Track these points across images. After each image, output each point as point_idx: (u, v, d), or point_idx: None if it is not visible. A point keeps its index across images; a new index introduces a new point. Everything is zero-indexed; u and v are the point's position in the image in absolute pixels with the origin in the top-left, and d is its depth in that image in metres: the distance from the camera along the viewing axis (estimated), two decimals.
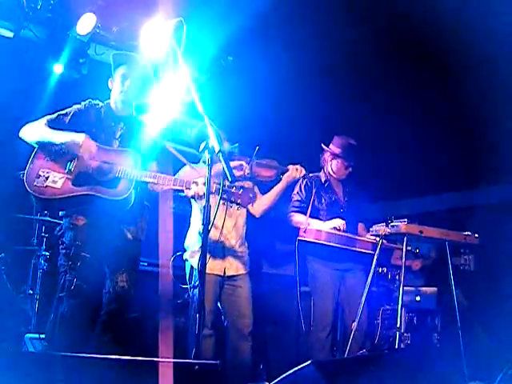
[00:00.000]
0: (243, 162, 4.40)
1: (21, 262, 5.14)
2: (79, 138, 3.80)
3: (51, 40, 5.91)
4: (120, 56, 4.15)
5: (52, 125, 3.91)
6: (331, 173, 5.05)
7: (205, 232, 3.26)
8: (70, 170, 3.82)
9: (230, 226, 4.50)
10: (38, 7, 5.63)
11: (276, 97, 6.39)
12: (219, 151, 3.27)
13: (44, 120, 3.93)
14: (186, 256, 4.52)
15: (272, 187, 4.63)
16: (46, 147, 3.86)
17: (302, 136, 6.65)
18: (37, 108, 5.02)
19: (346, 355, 4.59)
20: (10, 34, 5.87)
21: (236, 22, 5.33)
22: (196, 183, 3.79)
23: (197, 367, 2.78)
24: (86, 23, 5.75)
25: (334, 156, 5.01)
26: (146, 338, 4.59)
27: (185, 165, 4.32)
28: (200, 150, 4.17)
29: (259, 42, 6.02)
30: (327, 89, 6.43)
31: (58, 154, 3.85)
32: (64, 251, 3.79)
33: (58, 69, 5.91)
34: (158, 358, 2.90)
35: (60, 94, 5.69)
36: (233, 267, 4.47)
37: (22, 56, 5.85)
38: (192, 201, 4.48)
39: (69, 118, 3.97)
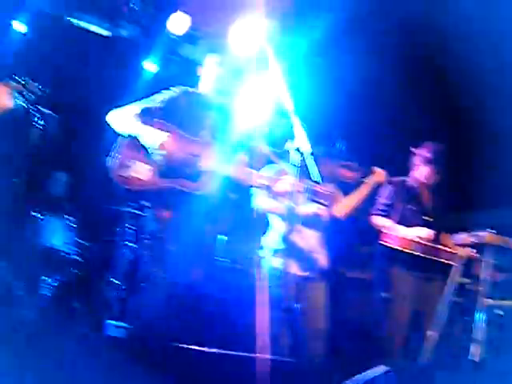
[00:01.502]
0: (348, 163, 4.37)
1: (106, 251, 5.30)
2: (161, 138, 3.85)
3: (145, 38, 6.15)
4: (213, 44, 4.20)
5: (144, 113, 3.96)
6: (420, 178, 4.93)
7: (288, 232, 3.26)
8: (155, 161, 3.85)
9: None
10: (134, 7, 5.85)
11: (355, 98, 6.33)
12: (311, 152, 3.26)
13: (135, 108, 3.97)
14: (263, 254, 4.52)
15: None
16: (132, 137, 3.95)
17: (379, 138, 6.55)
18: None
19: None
20: (107, 33, 6.14)
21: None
22: (284, 181, 3.80)
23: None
24: (179, 23, 5.92)
25: (426, 161, 4.90)
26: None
27: (271, 162, 4.32)
28: (285, 148, 4.15)
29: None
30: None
31: (144, 146, 3.91)
32: (147, 242, 3.89)
33: (150, 67, 6.12)
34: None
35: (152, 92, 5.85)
36: (313, 268, 4.45)
37: (118, 54, 6.09)
38: (271, 199, 4.48)
39: (161, 105, 4.00)
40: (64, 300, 5.03)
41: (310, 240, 4.43)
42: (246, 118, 4.16)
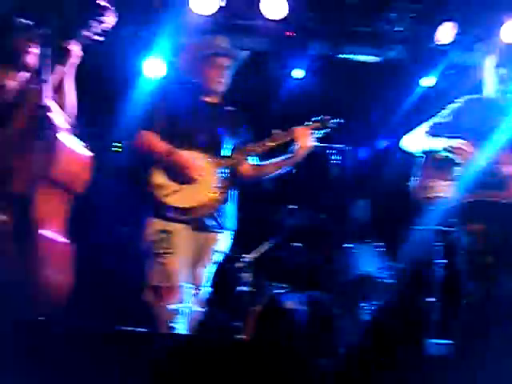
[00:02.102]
0: None
1: (419, 271, 5.36)
2: (457, 149, 3.82)
3: (414, 55, 6.19)
4: (488, 45, 4.11)
5: (435, 131, 3.98)
6: None
7: None
8: (455, 176, 3.81)
9: None
10: (399, 29, 5.92)
11: None
12: None
13: (425, 128, 4.03)
14: None
15: None
16: (429, 157, 3.99)
17: None
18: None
19: None
20: (376, 59, 6.32)
21: None
22: None
23: None
24: (446, 31, 5.84)
25: None
26: None
27: None
28: None
29: None
30: None
31: (443, 161, 3.90)
32: (462, 258, 3.85)
33: (427, 82, 6.14)
34: None
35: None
36: None
37: (392, 77, 6.23)
38: None
39: (450, 119, 3.97)
40: (383, 323, 5.20)
41: None
42: None
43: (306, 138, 3.88)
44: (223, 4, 5.47)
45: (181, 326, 3.71)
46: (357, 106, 6.08)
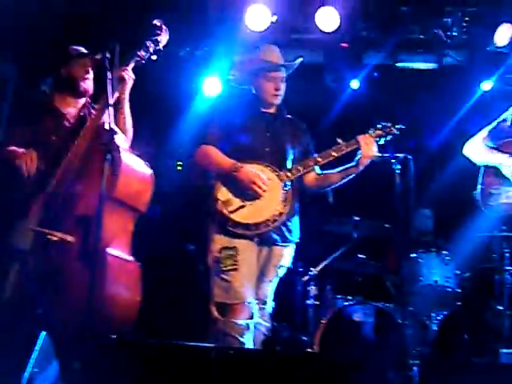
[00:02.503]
0: None
1: (485, 279, 5.26)
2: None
3: (471, 61, 6.11)
4: None
5: (493, 136, 3.94)
6: None
7: None
8: None
9: None
10: (454, 34, 5.86)
11: None
12: None
13: (484, 133, 4.00)
14: None
15: None
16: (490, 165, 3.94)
17: None
18: None
19: None
20: (433, 66, 6.26)
21: None
22: None
23: None
24: (503, 33, 5.74)
25: None
26: None
27: None
28: None
29: None
30: None
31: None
32: None
33: (486, 86, 6.05)
34: None
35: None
36: None
37: (449, 83, 6.16)
38: None
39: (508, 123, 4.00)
40: (451, 332, 5.11)
41: None
42: None
43: (369, 147, 3.83)
44: (274, 20, 5.55)
45: (248, 341, 3.70)
46: (415, 113, 6.02)
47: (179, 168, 5.89)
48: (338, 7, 5.58)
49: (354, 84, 6.26)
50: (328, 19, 5.59)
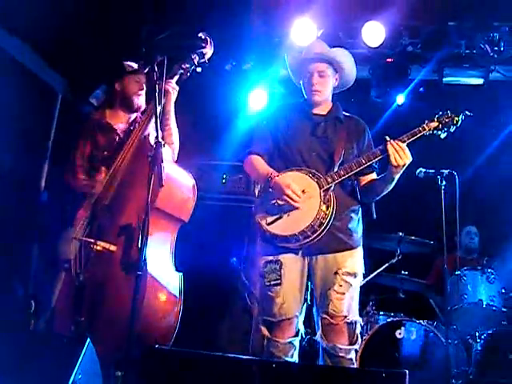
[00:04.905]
0: None
1: None
2: None
3: None
4: None
5: None
6: None
7: None
8: None
9: None
10: (501, 49, 5.79)
11: None
12: None
13: None
14: None
15: None
16: None
17: None
18: None
19: None
20: (480, 82, 6.20)
21: None
22: None
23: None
24: None
25: None
26: None
27: None
28: None
29: None
30: None
31: None
32: None
33: None
34: None
35: None
36: None
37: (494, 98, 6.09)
38: None
39: None
40: (495, 352, 5.00)
41: None
42: None
43: (399, 154, 3.50)
44: (320, 34, 5.56)
45: (294, 358, 3.62)
46: (461, 128, 5.97)
47: (224, 181, 5.92)
48: (383, 22, 5.58)
49: (400, 99, 6.23)
50: (374, 34, 5.59)
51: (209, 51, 3.72)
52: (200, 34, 3.70)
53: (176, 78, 3.80)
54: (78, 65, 5.42)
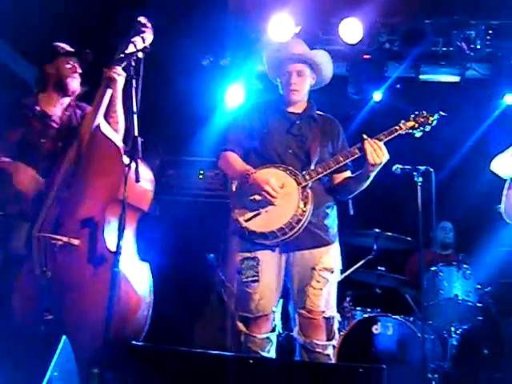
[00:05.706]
0: None
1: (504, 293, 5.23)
2: None
3: (495, 73, 6.08)
4: None
5: None
6: None
7: None
8: None
9: None
10: (478, 47, 5.84)
11: None
12: None
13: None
14: None
15: None
16: None
17: None
18: None
19: None
20: (456, 79, 6.25)
21: None
22: None
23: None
24: None
25: None
26: None
27: None
28: None
29: None
30: None
31: None
32: None
33: (510, 99, 6.03)
34: None
35: None
36: None
37: (472, 96, 6.15)
38: None
39: None
40: (471, 347, 5.06)
41: None
42: None
43: (376, 153, 3.52)
44: (297, 30, 5.57)
45: (271, 354, 3.63)
46: (437, 125, 6.01)
47: (201, 177, 5.90)
48: (361, 19, 5.60)
49: (377, 96, 6.27)
50: (351, 31, 5.61)
51: (149, 36, 3.58)
52: (139, 18, 3.58)
53: (122, 64, 3.65)
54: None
